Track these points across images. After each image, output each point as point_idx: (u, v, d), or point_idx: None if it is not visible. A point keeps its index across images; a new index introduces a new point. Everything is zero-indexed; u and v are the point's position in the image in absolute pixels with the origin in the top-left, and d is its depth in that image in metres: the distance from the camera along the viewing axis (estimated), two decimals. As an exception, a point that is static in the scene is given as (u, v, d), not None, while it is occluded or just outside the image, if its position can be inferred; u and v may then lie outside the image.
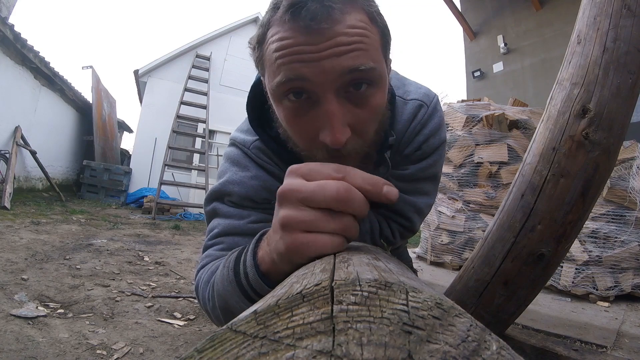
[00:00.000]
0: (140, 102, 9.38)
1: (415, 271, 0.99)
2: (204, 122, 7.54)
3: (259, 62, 0.51)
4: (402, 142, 0.67)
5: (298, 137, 0.52)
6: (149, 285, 2.26)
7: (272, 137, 0.63)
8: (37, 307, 1.70)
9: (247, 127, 0.69)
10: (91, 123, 7.90)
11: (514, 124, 2.50)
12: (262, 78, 0.54)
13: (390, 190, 0.37)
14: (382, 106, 0.52)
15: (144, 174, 7.99)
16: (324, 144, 0.48)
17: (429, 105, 0.68)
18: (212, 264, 0.60)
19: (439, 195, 2.79)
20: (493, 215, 0.94)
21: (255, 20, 9.64)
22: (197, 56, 8.62)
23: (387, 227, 0.73)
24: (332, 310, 0.16)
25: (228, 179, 0.66)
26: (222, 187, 0.65)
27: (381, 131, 0.55)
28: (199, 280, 0.61)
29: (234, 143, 0.70)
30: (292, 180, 0.37)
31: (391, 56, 0.55)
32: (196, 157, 8.18)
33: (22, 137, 5.74)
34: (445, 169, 2.70)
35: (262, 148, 0.66)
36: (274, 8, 0.46)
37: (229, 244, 0.62)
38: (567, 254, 1.61)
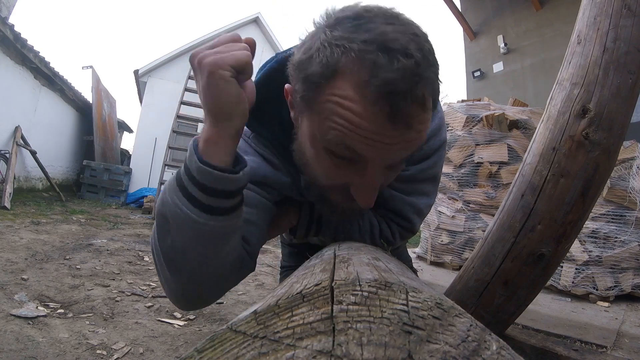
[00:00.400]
0: (140, 102, 9.38)
1: (415, 271, 0.99)
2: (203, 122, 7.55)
3: (309, 102, 0.45)
4: None
5: (325, 180, 0.52)
6: (149, 285, 2.26)
7: (267, 138, 0.64)
8: (37, 307, 1.70)
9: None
10: (91, 123, 7.90)
11: (514, 124, 2.50)
12: (297, 110, 0.50)
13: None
14: None
15: (144, 174, 7.99)
16: (350, 193, 0.50)
17: None
18: None
19: (439, 195, 2.79)
20: (493, 215, 0.95)
21: (255, 21, 9.64)
22: (197, 56, 8.62)
23: (387, 228, 0.73)
24: (332, 310, 0.16)
25: None
26: None
27: None
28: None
29: None
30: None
31: None
32: (196, 157, 8.18)
33: (22, 137, 5.74)
34: (445, 169, 2.70)
35: (259, 138, 0.66)
36: (357, 61, 0.40)
37: None
38: (567, 254, 1.61)
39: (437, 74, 0.44)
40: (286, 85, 0.53)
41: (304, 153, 0.52)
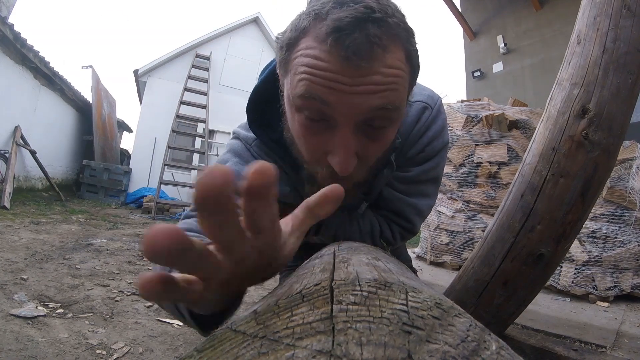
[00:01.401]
0: (140, 102, 9.38)
1: (414, 270, 0.99)
2: (203, 122, 7.55)
3: (283, 64, 0.49)
4: (405, 144, 0.67)
5: (305, 151, 0.52)
6: (149, 285, 2.26)
7: (272, 139, 0.63)
8: (36, 306, 1.70)
9: (248, 127, 0.69)
10: (91, 123, 7.90)
11: (514, 124, 2.50)
12: (281, 79, 0.53)
13: None
14: (392, 139, 0.53)
15: (144, 173, 7.99)
16: (328, 163, 0.49)
17: (433, 107, 0.68)
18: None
19: (439, 195, 2.79)
20: (493, 215, 0.95)
21: (255, 20, 9.64)
22: (197, 56, 8.62)
23: (388, 229, 0.73)
24: (331, 310, 0.16)
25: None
26: None
27: (383, 158, 0.57)
28: None
29: (237, 137, 0.70)
30: None
31: None
32: (196, 157, 8.19)
33: (22, 137, 5.73)
34: (445, 169, 2.70)
35: (262, 147, 0.66)
36: (317, 18, 0.44)
37: None
38: (567, 254, 1.61)
39: (400, 24, 0.45)
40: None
41: (289, 129, 0.54)
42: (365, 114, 0.45)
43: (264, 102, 0.60)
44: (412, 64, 0.48)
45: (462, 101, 2.96)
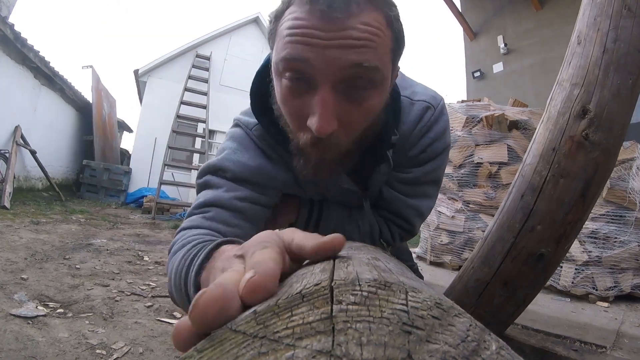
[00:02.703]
0: (140, 102, 9.38)
1: (415, 270, 0.99)
2: (203, 122, 7.54)
3: (272, 35, 0.51)
4: (407, 143, 0.66)
5: (289, 117, 0.53)
6: (149, 285, 2.26)
7: (273, 123, 0.62)
8: (36, 306, 1.70)
9: (251, 111, 0.69)
10: (91, 123, 7.90)
11: (514, 125, 2.50)
12: (271, 52, 0.54)
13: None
14: (377, 109, 0.52)
15: (144, 173, 7.99)
16: (309, 128, 0.48)
17: (435, 108, 0.67)
18: (189, 234, 0.58)
19: (439, 196, 2.79)
20: (493, 215, 0.95)
21: (255, 20, 9.64)
22: (197, 56, 8.62)
23: (387, 229, 0.73)
24: (331, 310, 0.16)
25: (226, 155, 0.65)
26: (218, 162, 0.65)
27: (370, 132, 0.55)
28: (174, 243, 0.59)
29: (237, 124, 0.70)
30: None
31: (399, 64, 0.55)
32: (196, 157, 8.18)
33: (22, 137, 5.74)
34: (445, 169, 2.70)
35: (262, 133, 0.65)
36: None
37: (215, 213, 0.61)
38: (567, 254, 1.61)
39: None
40: None
41: (276, 100, 0.54)
42: (342, 70, 0.45)
43: (267, 84, 0.59)
44: (394, 30, 0.49)
45: (462, 101, 2.96)
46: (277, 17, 0.50)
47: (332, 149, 0.52)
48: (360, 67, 0.45)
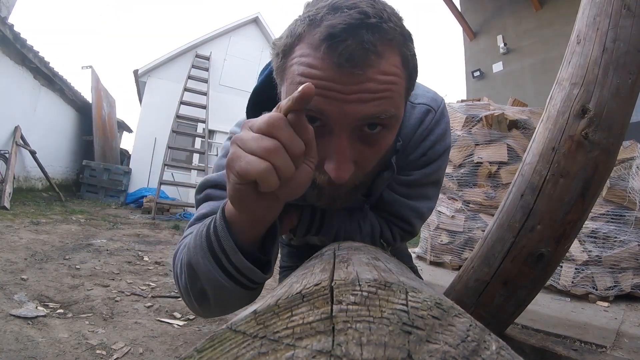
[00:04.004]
0: (140, 102, 9.37)
1: (415, 270, 0.99)
2: (203, 122, 7.54)
3: (280, 71, 0.49)
4: (408, 147, 0.66)
5: None
6: (149, 285, 2.26)
7: None
8: (36, 307, 1.70)
9: None
10: (91, 123, 7.89)
11: (514, 124, 2.50)
12: (279, 86, 0.53)
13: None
14: (390, 144, 0.52)
15: (144, 173, 7.99)
16: (326, 171, 0.49)
17: (436, 110, 0.67)
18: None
19: (439, 195, 2.79)
20: (493, 215, 0.95)
21: (255, 20, 9.63)
22: (197, 56, 8.62)
23: (388, 230, 0.73)
24: (331, 310, 0.16)
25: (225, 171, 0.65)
26: (218, 178, 0.64)
27: (381, 163, 0.57)
28: (179, 248, 0.59)
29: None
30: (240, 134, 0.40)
31: None
32: (196, 157, 8.18)
33: (22, 137, 5.73)
34: (445, 170, 2.70)
35: None
36: (311, 24, 0.44)
37: None
38: (567, 254, 1.61)
39: (396, 28, 0.44)
40: None
41: None
42: (360, 122, 0.45)
43: (265, 101, 0.59)
44: (409, 68, 0.48)
45: (462, 101, 2.96)
46: (286, 52, 0.47)
47: (348, 184, 0.53)
48: (377, 118, 0.45)
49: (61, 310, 1.71)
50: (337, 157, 0.46)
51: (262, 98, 0.61)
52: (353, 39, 0.41)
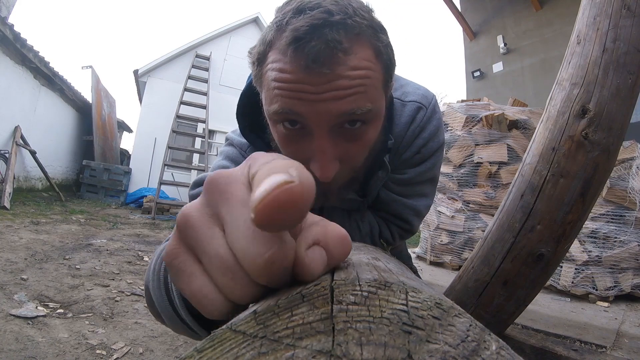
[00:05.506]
0: (140, 102, 9.38)
1: (415, 270, 0.99)
2: (203, 122, 7.55)
3: (258, 79, 0.50)
4: (401, 145, 0.66)
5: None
6: (149, 285, 2.26)
7: (266, 143, 0.63)
8: (36, 307, 1.70)
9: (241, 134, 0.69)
10: (91, 123, 7.90)
11: (514, 124, 2.50)
12: (260, 93, 0.53)
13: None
14: (374, 139, 0.52)
15: (144, 173, 7.99)
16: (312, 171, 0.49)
17: (427, 107, 0.67)
18: None
19: (439, 195, 2.79)
20: (492, 215, 0.95)
21: (255, 20, 9.64)
22: (197, 56, 8.63)
23: (387, 230, 0.73)
24: (331, 310, 0.16)
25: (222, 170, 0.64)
26: None
27: (371, 157, 0.56)
28: (159, 251, 0.54)
29: (231, 143, 0.70)
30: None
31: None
32: (196, 157, 8.19)
33: (22, 137, 5.74)
34: (445, 169, 2.70)
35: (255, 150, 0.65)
36: (278, 30, 0.44)
37: None
38: (567, 254, 1.61)
39: (363, 22, 0.44)
40: None
41: (274, 139, 0.54)
42: (337, 120, 0.45)
43: (254, 105, 0.59)
44: (383, 60, 0.47)
45: (462, 101, 2.96)
46: (260, 60, 0.47)
47: (338, 181, 0.53)
48: (354, 114, 0.45)
49: (61, 310, 1.71)
50: (319, 156, 0.47)
51: (252, 100, 0.61)
52: (317, 39, 0.41)
